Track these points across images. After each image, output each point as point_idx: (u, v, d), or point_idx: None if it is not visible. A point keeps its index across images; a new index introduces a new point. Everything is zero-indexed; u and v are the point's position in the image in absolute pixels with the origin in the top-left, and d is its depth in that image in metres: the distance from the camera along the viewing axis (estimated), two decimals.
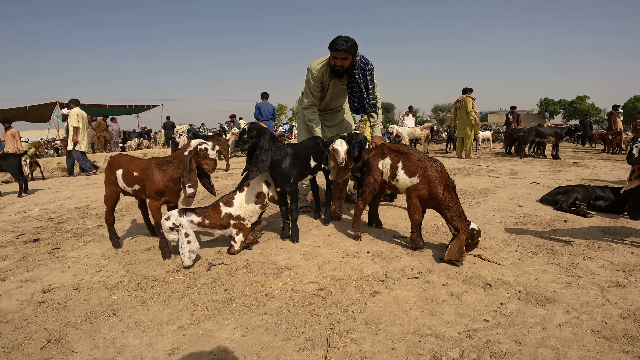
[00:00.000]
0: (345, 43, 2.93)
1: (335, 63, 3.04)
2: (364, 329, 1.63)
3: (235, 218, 2.49)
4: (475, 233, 2.34)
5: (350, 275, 2.16)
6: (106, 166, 2.68)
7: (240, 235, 2.51)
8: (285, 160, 2.62)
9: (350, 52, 2.97)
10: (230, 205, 2.51)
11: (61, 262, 2.50)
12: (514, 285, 2.00)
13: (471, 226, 2.34)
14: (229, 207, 2.51)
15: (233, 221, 2.49)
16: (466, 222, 2.33)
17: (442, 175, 2.39)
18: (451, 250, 2.28)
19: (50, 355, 1.48)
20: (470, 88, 8.28)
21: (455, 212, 2.33)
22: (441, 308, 1.79)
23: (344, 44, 2.92)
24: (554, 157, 8.22)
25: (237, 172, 6.91)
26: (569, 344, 1.50)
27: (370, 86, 3.16)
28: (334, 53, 3.00)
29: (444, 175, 2.40)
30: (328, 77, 3.19)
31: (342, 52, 2.95)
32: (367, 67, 3.10)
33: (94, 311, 1.82)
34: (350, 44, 2.95)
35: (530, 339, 1.54)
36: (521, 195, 4.14)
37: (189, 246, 2.29)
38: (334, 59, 3.02)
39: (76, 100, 7.85)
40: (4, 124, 7.89)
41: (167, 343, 1.55)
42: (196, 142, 2.40)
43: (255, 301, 1.88)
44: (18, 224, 3.61)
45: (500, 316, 1.71)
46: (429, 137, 10.61)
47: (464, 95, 8.27)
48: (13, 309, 1.86)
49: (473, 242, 2.37)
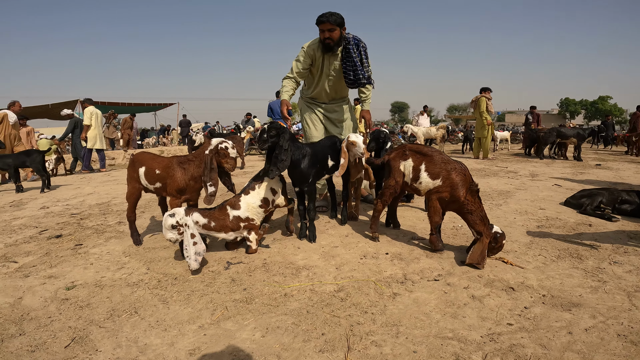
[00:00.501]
0: (329, 16, 3.06)
1: (324, 36, 3.13)
2: (384, 331, 1.61)
3: (245, 220, 2.46)
4: (498, 236, 2.29)
5: (369, 277, 2.14)
6: (129, 164, 2.71)
7: (253, 233, 2.50)
8: (304, 160, 2.61)
9: (335, 22, 3.07)
10: (237, 208, 2.45)
11: (84, 258, 2.55)
12: (538, 289, 1.96)
13: (494, 229, 2.29)
14: (236, 209, 2.45)
15: (243, 223, 2.46)
16: (489, 226, 2.28)
17: (466, 178, 2.35)
18: (473, 253, 2.23)
19: (74, 354, 1.49)
20: (487, 87, 8.13)
21: (478, 215, 2.28)
22: (463, 311, 1.76)
23: (328, 17, 3.05)
24: (575, 159, 8.01)
25: (251, 171, 6.94)
26: (595, 348, 1.47)
27: (364, 61, 3.25)
28: (320, 27, 3.12)
29: (468, 178, 2.35)
30: (320, 54, 3.26)
31: (327, 24, 3.07)
32: (361, 44, 3.22)
33: (117, 309, 1.84)
34: (335, 16, 3.08)
35: (556, 343, 1.51)
36: (543, 198, 4.04)
37: (195, 248, 2.18)
38: (322, 32, 3.13)
39: (90, 100, 8.09)
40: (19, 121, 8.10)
41: (188, 343, 1.55)
42: (217, 141, 2.41)
43: (274, 301, 1.88)
44: (41, 220, 3.70)
45: (524, 320, 1.68)
46: (444, 137, 10.46)
47: (479, 95, 8.13)
48: (37, 306, 1.89)
49: (497, 246, 2.31)
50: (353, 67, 3.23)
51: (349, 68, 3.25)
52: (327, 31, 3.09)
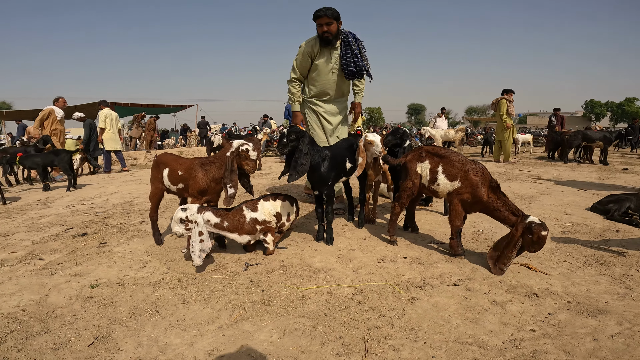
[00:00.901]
0: (326, 10, 3.19)
1: (322, 30, 3.23)
2: (402, 336, 1.60)
3: (262, 222, 2.48)
4: (533, 226, 2.06)
5: (387, 280, 2.12)
6: (153, 165, 2.78)
7: (270, 235, 2.52)
8: (323, 163, 2.61)
9: (332, 16, 3.19)
10: (255, 211, 2.48)
11: (108, 257, 2.62)
12: (563, 296, 1.91)
13: (529, 219, 2.11)
14: (254, 212, 2.47)
15: (259, 226, 2.47)
16: (523, 217, 2.15)
17: (485, 177, 2.30)
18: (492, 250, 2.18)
19: (97, 353, 1.52)
20: (509, 89, 7.96)
21: (506, 210, 2.21)
22: (484, 317, 1.73)
23: (325, 11, 3.18)
24: (601, 163, 7.74)
25: (268, 172, 7.00)
26: (620, 354, 1.44)
27: (363, 54, 3.39)
28: (318, 21, 3.23)
29: (487, 177, 2.31)
30: (318, 50, 3.36)
31: (324, 18, 3.19)
32: (358, 38, 3.38)
33: (139, 308, 1.88)
34: (331, 10, 3.20)
35: (581, 349, 1.48)
36: (568, 203, 3.92)
37: (201, 245, 2.23)
38: (320, 26, 3.24)
39: (105, 102, 8.28)
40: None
41: (207, 343, 1.57)
42: (238, 143, 2.44)
43: (292, 303, 1.89)
44: (67, 218, 3.83)
45: (548, 326, 1.64)
46: (463, 140, 10.30)
47: (500, 97, 7.96)
48: (62, 304, 1.94)
49: (534, 238, 2.06)
50: (354, 59, 3.34)
51: (350, 59, 3.35)
52: (325, 25, 3.21)
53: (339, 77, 3.50)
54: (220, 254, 2.57)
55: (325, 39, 3.26)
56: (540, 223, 2.08)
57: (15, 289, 2.13)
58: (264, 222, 2.48)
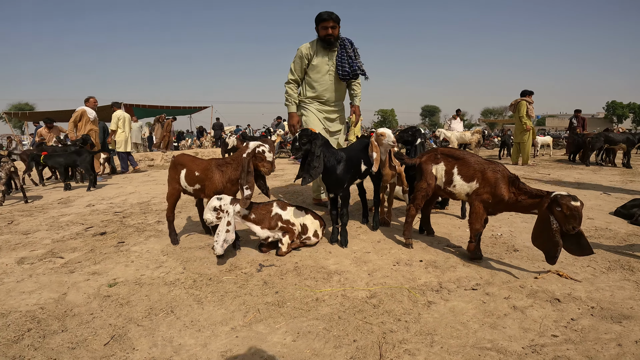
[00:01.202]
0: (331, 14, 3.33)
1: (326, 33, 3.36)
2: (418, 340, 1.56)
3: (285, 222, 2.51)
4: (559, 198, 1.90)
5: (402, 284, 2.09)
6: (170, 165, 2.81)
7: (287, 237, 2.52)
8: (339, 165, 2.60)
9: (337, 20, 3.36)
10: (284, 209, 2.55)
11: (125, 256, 2.66)
12: (586, 301, 1.85)
13: (554, 194, 1.96)
14: (282, 210, 2.55)
15: (281, 223, 2.51)
16: (548, 194, 2.02)
17: (503, 174, 2.24)
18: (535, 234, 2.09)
19: (112, 352, 1.53)
20: (529, 91, 7.78)
21: (529, 197, 2.12)
22: (503, 321, 1.69)
23: (331, 14, 3.32)
24: (624, 166, 7.49)
25: (281, 174, 7.01)
26: None
27: (358, 56, 3.54)
28: (323, 24, 3.35)
29: (505, 173, 2.24)
30: (315, 51, 3.48)
31: (330, 21, 3.31)
32: (354, 43, 3.52)
33: (154, 308, 1.89)
34: (335, 14, 3.36)
35: (604, 354, 1.44)
36: (591, 207, 3.79)
37: (226, 235, 2.31)
38: (324, 29, 3.36)
39: (117, 103, 8.41)
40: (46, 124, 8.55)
41: (221, 344, 1.57)
42: (254, 145, 2.45)
43: (305, 305, 1.87)
44: (87, 217, 3.91)
45: (570, 332, 1.60)
46: (480, 142, 10.11)
47: (519, 98, 7.79)
48: (80, 302, 1.97)
49: (564, 210, 1.89)
50: (349, 61, 3.47)
51: (345, 60, 3.47)
52: (330, 28, 3.34)
53: (335, 80, 3.60)
54: (235, 255, 2.58)
55: (327, 41, 3.40)
56: (567, 194, 1.91)
57: (35, 287, 2.18)
58: (287, 222, 2.52)
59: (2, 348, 1.56)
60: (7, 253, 2.79)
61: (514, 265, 2.32)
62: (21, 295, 2.06)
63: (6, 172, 4.82)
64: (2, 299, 2.03)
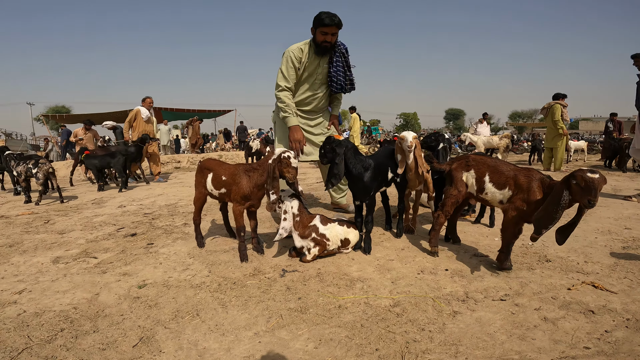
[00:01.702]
0: (334, 17, 2.93)
1: (325, 39, 2.99)
2: (442, 350, 1.53)
3: (320, 235, 2.54)
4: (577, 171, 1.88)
5: (426, 293, 2.05)
6: (197, 169, 2.87)
7: (317, 249, 2.54)
8: (366, 172, 2.58)
9: (340, 26, 2.99)
10: (324, 224, 2.59)
11: (154, 257, 2.74)
12: (622, 313, 1.77)
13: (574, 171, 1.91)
14: (322, 224, 2.58)
15: (315, 235, 2.53)
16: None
17: (539, 178, 2.14)
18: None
19: (140, 355, 1.57)
20: (562, 94, 7.50)
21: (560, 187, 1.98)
22: (532, 333, 1.63)
23: (335, 19, 2.93)
24: None
25: (304, 178, 7.03)
26: None
27: (351, 67, 3.23)
28: (324, 29, 2.96)
29: (537, 176, 2.15)
30: (307, 57, 3.10)
31: (333, 27, 2.95)
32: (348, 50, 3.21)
33: (180, 310, 1.93)
34: (339, 18, 2.96)
35: None
36: (628, 216, 3.60)
37: (283, 224, 2.50)
38: (324, 34, 2.98)
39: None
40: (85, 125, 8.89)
41: (244, 349, 1.59)
42: (280, 151, 2.48)
43: (328, 312, 1.87)
44: (119, 218, 4.07)
45: (603, 344, 1.53)
46: (508, 147, 9.78)
47: (552, 102, 7.51)
48: (111, 303, 2.03)
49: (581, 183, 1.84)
50: (343, 72, 3.17)
51: (340, 72, 3.16)
52: (330, 35, 2.99)
53: (321, 89, 3.30)
54: (258, 260, 2.61)
55: (323, 48, 3.05)
56: (585, 168, 1.87)
57: (69, 286, 2.27)
58: (323, 235, 2.55)
59: (36, 348, 1.63)
60: (43, 252, 2.94)
61: (545, 276, 2.23)
62: (55, 295, 2.16)
63: (44, 172, 5.09)
64: (37, 298, 2.13)
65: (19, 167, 5.31)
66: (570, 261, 2.45)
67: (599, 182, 1.81)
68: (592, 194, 1.80)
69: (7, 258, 2.82)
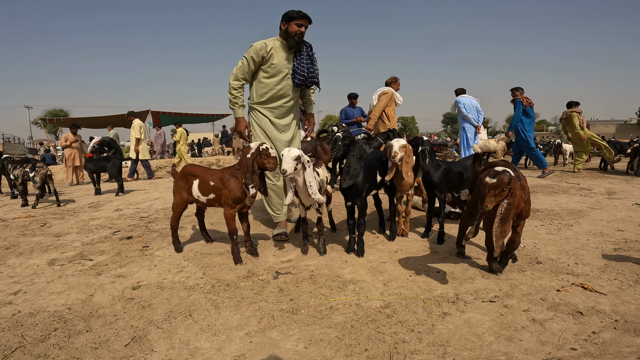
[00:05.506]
0: (305, 14, 3.12)
1: (299, 30, 3.11)
2: (430, 351, 1.55)
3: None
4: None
5: (417, 294, 2.07)
6: (178, 176, 2.83)
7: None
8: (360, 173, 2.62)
9: (310, 21, 3.17)
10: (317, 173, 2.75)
11: (149, 260, 2.76)
12: (610, 315, 1.79)
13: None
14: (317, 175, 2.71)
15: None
16: None
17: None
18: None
19: (132, 354, 1.59)
20: (575, 102, 7.81)
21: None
22: (520, 334, 1.65)
23: (305, 14, 3.12)
24: None
25: None
26: None
27: (315, 64, 3.30)
28: (300, 21, 3.09)
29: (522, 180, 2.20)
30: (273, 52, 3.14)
31: (306, 20, 3.12)
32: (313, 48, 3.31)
33: (174, 311, 1.95)
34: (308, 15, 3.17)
35: None
36: (621, 219, 3.63)
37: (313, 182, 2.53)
38: (299, 26, 3.11)
39: (133, 112, 8.74)
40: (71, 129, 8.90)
41: (235, 349, 1.61)
42: (256, 144, 2.50)
43: (319, 313, 1.89)
44: (115, 221, 4.09)
45: (590, 345, 1.56)
46: (505, 150, 9.84)
47: (569, 110, 7.80)
48: (105, 304, 2.06)
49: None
50: (307, 66, 3.24)
51: (303, 66, 3.23)
52: (304, 27, 3.14)
53: (291, 85, 3.29)
54: (252, 262, 2.63)
55: (298, 41, 3.12)
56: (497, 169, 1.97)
57: (64, 287, 2.29)
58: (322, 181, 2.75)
59: (29, 347, 1.65)
60: (39, 254, 2.96)
61: (536, 278, 2.25)
62: (50, 296, 2.18)
63: (41, 176, 5.11)
64: (32, 298, 2.15)
65: (16, 170, 5.33)
66: (561, 263, 2.47)
67: (490, 184, 1.92)
68: (481, 199, 1.93)
69: (3, 260, 2.84)
